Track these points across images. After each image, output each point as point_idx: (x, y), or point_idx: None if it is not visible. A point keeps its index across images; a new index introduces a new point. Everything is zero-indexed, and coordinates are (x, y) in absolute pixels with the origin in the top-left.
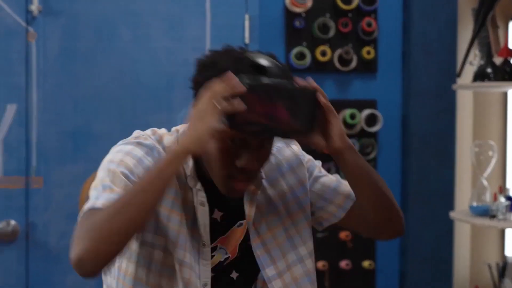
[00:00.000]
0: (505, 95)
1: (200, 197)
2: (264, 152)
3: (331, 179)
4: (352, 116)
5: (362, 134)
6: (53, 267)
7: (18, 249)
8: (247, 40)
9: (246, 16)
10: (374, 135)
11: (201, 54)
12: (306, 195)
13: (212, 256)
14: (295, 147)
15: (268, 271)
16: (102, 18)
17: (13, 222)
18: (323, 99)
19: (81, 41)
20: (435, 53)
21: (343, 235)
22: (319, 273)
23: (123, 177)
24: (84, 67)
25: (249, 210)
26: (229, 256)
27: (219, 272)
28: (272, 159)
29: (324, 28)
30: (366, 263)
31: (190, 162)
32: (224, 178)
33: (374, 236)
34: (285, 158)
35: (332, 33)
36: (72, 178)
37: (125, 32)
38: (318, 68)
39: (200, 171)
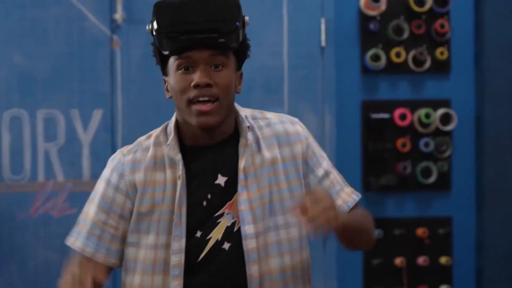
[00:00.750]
0: None
1: (179, 170)
2: (219, 73)
3: (338, 179)
4: (427, 116)
5: (437, 133)
6: None
7: None
8: (323, 43)
9: (322, 20)
10: (448, 133)
11: (279, 59)
12: (295, 171)
13: (218, 223)
14: (300, 127)
15: (247, 228)
16: None
17: None
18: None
19: None
20: (508, 53)
21: (420, 231)
22: (396, 270)
23: (97, 209)
24: None
25: (241, 162)
26: (236, 221)
27: (237, 241)
28: (270, 129)
29: (398, 30)
30: (443, 259)
31: (172, 134)
32: (188, 107)
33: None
34: (286, 131)
35: (406, 35)
36: None
37: None
38: (393, 69)
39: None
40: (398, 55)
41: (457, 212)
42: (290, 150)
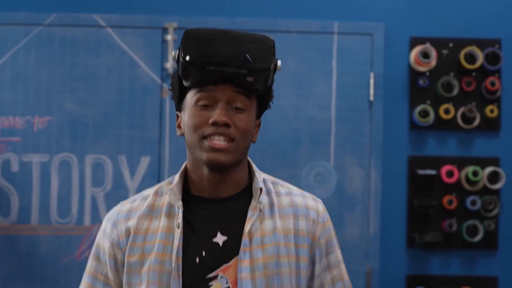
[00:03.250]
0: None
1: (178, 218)
2: (240, 115)
3: (344, 276)
4: (475, 173)
5: (485, 191)
6: None
7: None
8: (371, 98)
9: (371, 74)
10: (496, 192)
11: (327, 112)
12: (305, 248)
13: (210, 286)
14: (321, 207)
15: None
16: None
17: None
18: None
19: None
20: None
21: None
22: None
23: (92, 259)
24: None
25: (247, 226)
26: (229, 287)
27: None
28: (289, 198)
29: (448, 87)
30: None
31: (176, 179)
32: (200, 142)
33: None
34: (306, 204)
35: (455, 91)
36: None
37: None
38: (441, 126)
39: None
40: (447, 111)
41: (503, 273)
42: (306, 224)
